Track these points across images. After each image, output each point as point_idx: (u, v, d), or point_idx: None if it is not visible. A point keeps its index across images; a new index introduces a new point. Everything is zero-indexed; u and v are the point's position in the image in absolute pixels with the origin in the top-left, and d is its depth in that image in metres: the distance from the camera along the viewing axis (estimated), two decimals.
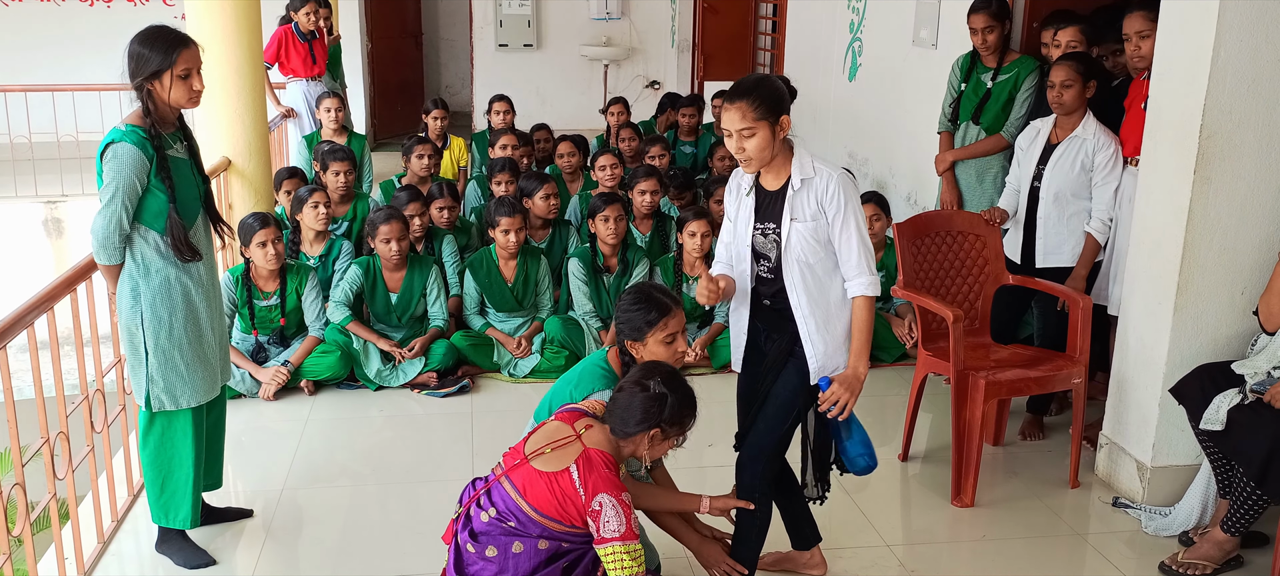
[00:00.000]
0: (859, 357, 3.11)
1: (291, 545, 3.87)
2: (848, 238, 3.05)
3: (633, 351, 3.22)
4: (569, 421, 2.96)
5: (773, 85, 3.00)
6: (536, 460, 2.86)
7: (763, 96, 2.96)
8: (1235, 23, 3.54)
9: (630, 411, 2.88)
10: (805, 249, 3.06)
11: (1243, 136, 3.66)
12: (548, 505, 2.82)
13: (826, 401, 3.08)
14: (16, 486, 3.17)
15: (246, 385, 5.07)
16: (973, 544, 3.88)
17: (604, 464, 2.83)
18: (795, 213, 3.06)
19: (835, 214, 3.03)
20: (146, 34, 3.28)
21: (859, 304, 3.09)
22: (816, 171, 3.04)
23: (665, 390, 2.87)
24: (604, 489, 2.78)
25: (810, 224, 3.05)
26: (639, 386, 2.90)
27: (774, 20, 9.70)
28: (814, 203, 3.04)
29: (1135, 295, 4.06)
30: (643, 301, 3.20)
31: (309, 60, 8.21)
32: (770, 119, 2.96)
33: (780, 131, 3.00)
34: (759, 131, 2.97)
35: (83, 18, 11.20)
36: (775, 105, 2.97)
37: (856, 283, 3.08)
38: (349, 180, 6.30)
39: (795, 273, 3.08)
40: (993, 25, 5.10)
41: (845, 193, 3.02)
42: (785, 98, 3.01)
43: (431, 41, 13.80)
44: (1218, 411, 3.46)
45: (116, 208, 3.24)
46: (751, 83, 3.01)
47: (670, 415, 2.88)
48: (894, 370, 5.51)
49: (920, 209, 6.27)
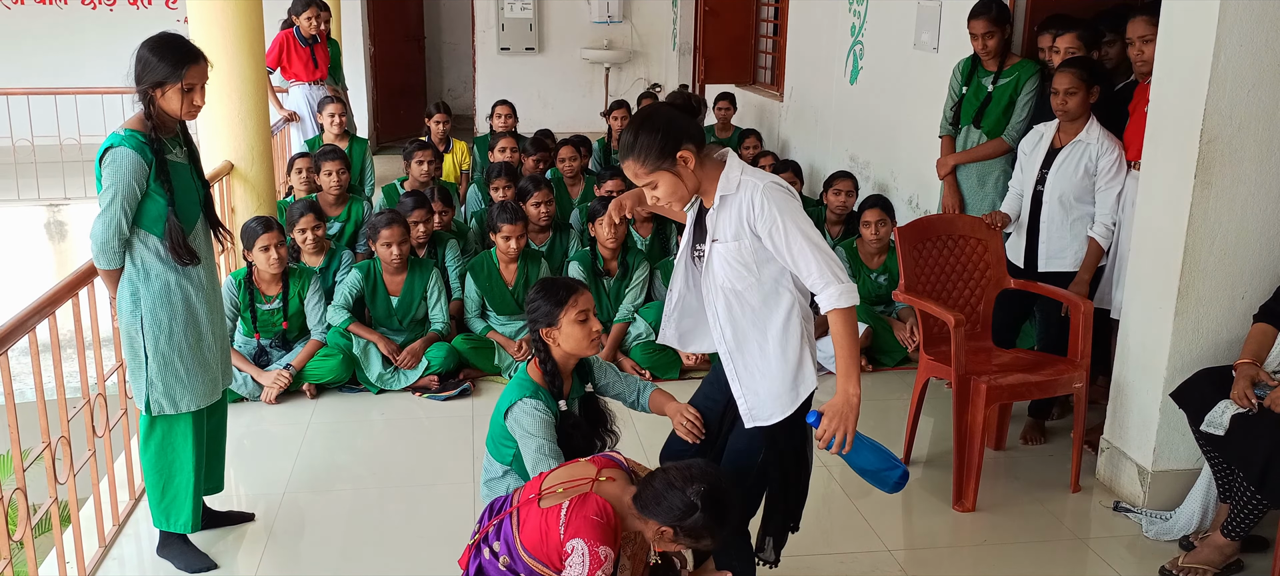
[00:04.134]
0: (847, 378, 2.71)
1: (293, 548, 3.87)
2: (797, 249, 2.67)
3: (549, 340, 3.13)
4: (597, 465, 2.80)
5: (653, 130, 2.69)
6: (544, 498, 2.71)
7: (646, 149, 2.67)
8: (1236, 26, 3.54)
9: (658, 498, 2.63)
10: (729, 273, 2.76)
11: (1243, 140, 3.66)
12: (535, 545, 2.68)
13: (824, 440, 2.72)
14: (18, 490, 3.17)
15: (248, 388, 5.08)
16: (974, 548, 3.88)
17: (597, 511, 2.62)
18: (717, 232, 2.76)
19: (769, 229, 2.68)
20: (159, 41, 3.27)
21: (835, 318, 2.68)
22: (740, 186, 2.71)
23: (697, 503, 2.59)
24: (582, 534, 2.58)
25: (733, 243, 2.73)
26: (680, 483, 2.62)
27: (775, 23, 9.70)
28: (736, 219, 2.72)
29: (1136, 299, 4.06)
30: (547, 289, 3.15)
31: (311, 64, 8.23)
32: (665, 164, 2.68)
33: (685, 165, 2.69)
34: (660, 180, 2.70)
35: (86, 21, 11.24)
36: (663, 148, 2.67)
37: (825, 295, 2.67)
38: (342, 181, 6.31)
39: (720, 301, 2.80)
40: (993, 31, 5.11)
41: (774, 203, 2.66)
42: (672, 133, 2.68)
43: (433, 45, 13.82)
44: (1222, 415, 3.45)
45: (115, 212, 3.25)
46: (628, 141, 2.72)
47: (690, 526, 2.61)
48: (895, 374, 5.51)
49: (922, 213, 6.27)
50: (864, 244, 5.80)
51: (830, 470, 4.39)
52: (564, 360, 3.18)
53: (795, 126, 8.82)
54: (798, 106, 8.72)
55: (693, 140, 2.71)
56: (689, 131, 2.71)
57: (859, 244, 5.83)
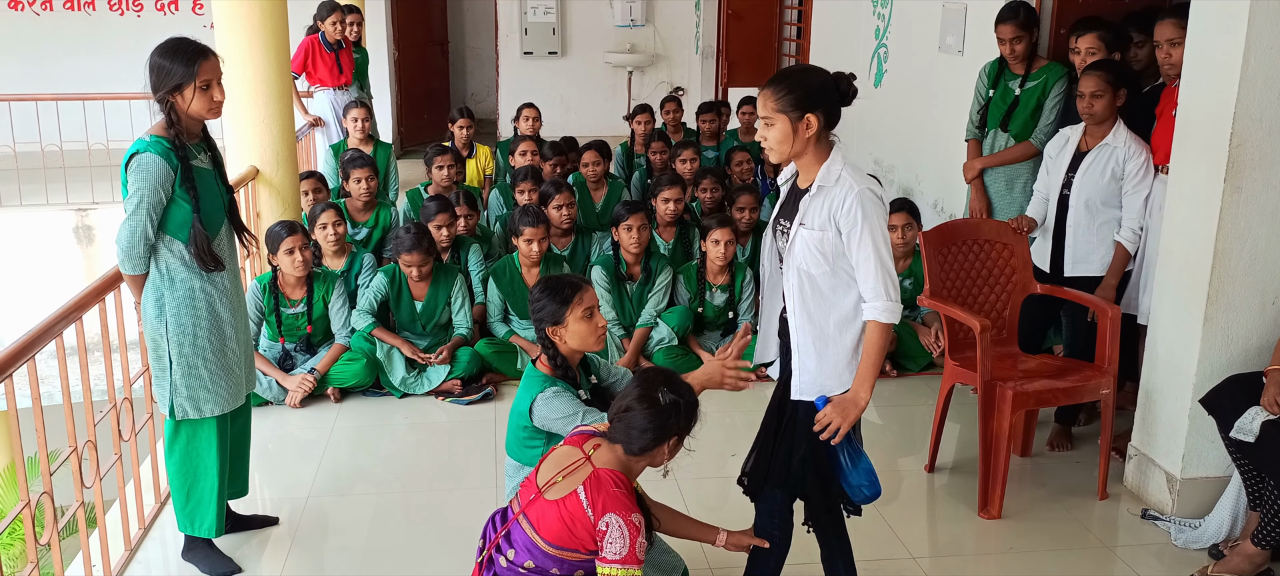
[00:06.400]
0: (862, 382, 2.88)
1: (317, 552, 3.88)
2: (863, 257, 2.82)
3: (555, 338, 3.23)
4: (578, 444, 2.90)
5: (807, 79, 2.84)
6: (549, 491, 2.79)
7: (789, 88, 2.81)
8: (1265, 29, 3.50)
9: (643, 428, 2.77)
10: (807, 258, 2.88)
11: (1274, 144, 3.61)
12: (559, 535, 2.74)
13: (819, 423, 2.89)
14: (45, 494, 3.20)
15: (273, 392, 5.11)
16: (999, 556, 3.85)
17: (613, 482, 2.74)
18: (805, 217, 2.89)
19: (849, 229, 2.82)
20: (167, 47, 3.31)
21: (871, 327, 2.86)
22: (839, 181, 2.84)
23: (675, 397, 2.78)
24: (613, 508, 2.70)
25: (817, 233, 2.86)
26: (646, 401, 2.77)
27: (799, 26, 9.68)
28: (825, 212, 2.85)
29: (1164, 304, 4.02)
30: (551, 288, 3.25)
31: (336, 69, 8.28)
32: (792, 113, 2.80)
33: (806, 128, 2.81)
34: (778, 123, 2.83)
35: (113, 27, 11.34)
36: (802, 101, 2.80)
37: (871, 306, 2.85)
38: (371, 187, 6.37)
39: (794, 279, 2.92)
40: (1021, 35, 5.07)
41: (863, 209, 2.80)
42: (818, 95, 2.82)
43: (457, 50, 13.87)
44: (1252, 422, 3.41)
45: (141, 218, 3.27)
46: (786, 72, 2.88)
47: (686, 420, 2.81)
48: (921, 379, 5.47)
49: (948, 217, 6.23)
50: None
51: None
52: (571, 356, 3.28)
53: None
54: None
55: (825, 114, 2.83)
56: (828, 105, 2.84)
57: None
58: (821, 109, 2.82)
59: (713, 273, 5.62)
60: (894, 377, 5.46)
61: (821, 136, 2.86)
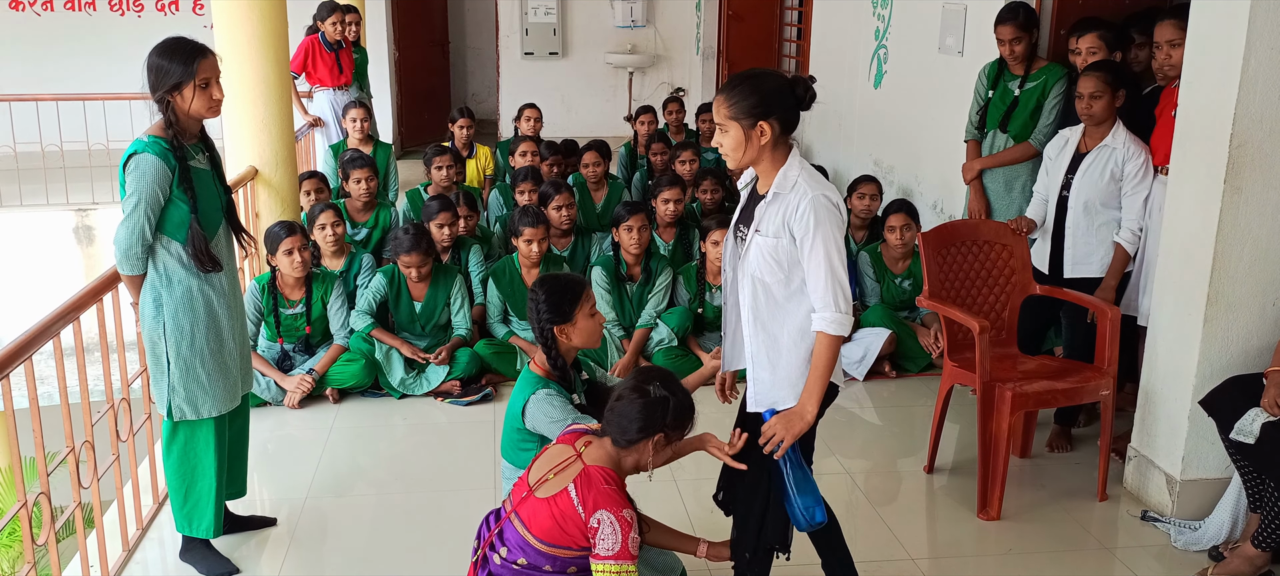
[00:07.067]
0: (810, 396, 2.80)
1: (315, 553, 3.88)
2: (815, 265, 2.75)
3: (561, 336, 3.25)
4: (570, 442, 2.91)
5: (762, 84, 2.75)
6: (540, 489, 2.81)
7: (742, 95, 2.74)
8: (1265, 30, 3.49)
9: (631, 419, 2.78)
10: (762, 265, 2.82)
11: (1274, 145, 3.61)
12: (550, 532, 2.76)
13: (763, 436, 2.83)
14: (42, 494, 3.20)
15: (271, 393, 5.10)
16: (999, 557, 3.84)
17: (604, 479, 2.76)
18: (761, 224, 2.82)
19: (801, 236, 2.75)
20: (165, 46, 3.30)
21: (819, 339, 2.78)
22: (795, 187, 2.77)
23: (666, 393, 2.79)
24: (604, 505, 2.71)
25: (772, 240, 2.79)
26: (637, 393, 2.79)
27: (799, 27, 9.68)
28: (779, 219, 2.78)
29: (1164, 305, 4.01)
30: (556, 287, 3.27)
31: (335, 69, 8.28)
32: (744, 120, 2.73)
33: (760, 136, 2.74)
34: (731, 130, 2.76)
35: (114, 27, 11.34)
36: (755, 108, 2.73)
37: (820, 316, 2.77)
38: (370, 187, 6.37)
39: (747, 288, 2.86)
40: (1021, 36, 5.06)
41: (816, 215, 2.72)
42: (773, 101, 2.74)
43: (458, 50, 13.87)
44: (1252, 424, 3.40)
45: (139, 218, 3.27)
46: (740, 77, 2.80)
47: (673, 418, 2.80)
48: (920, 380, 5.46)
49: (947, 218, 6.23)
50: (888, 249, 5.76)
51: (853, 478, 4.36)
52: (568, 355, 3.30)
53: (819, 130, 8.79)
54: (821, 110, 8.68)
55: (779, 121, 2.77)
56: (784, 110, 2.77)
57: (883, 249, 5.79)
58: (776, 115, 2.75)
59: (713, 273, 5.61)
60: (893, 378, 5.45)
61: (779, 142, 2.80)
